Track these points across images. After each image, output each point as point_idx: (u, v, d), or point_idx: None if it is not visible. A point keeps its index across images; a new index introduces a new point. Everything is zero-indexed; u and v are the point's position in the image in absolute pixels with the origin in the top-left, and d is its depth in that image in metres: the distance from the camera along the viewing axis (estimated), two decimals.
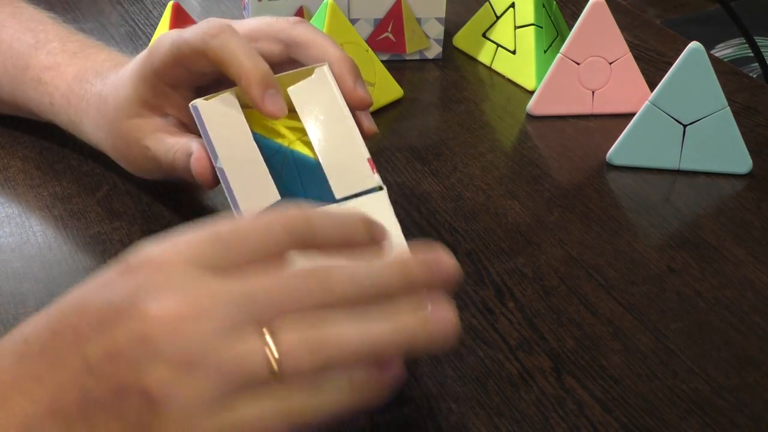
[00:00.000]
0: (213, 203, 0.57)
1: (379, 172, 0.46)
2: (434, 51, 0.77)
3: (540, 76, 0.72)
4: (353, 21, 0.73)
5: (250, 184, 0.46)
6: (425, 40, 0.76)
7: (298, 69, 0.49)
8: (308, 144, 0.47)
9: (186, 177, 0.50)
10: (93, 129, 0.55)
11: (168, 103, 0.51)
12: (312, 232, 0.34)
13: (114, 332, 0.31)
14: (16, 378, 0.32)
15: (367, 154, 0.47)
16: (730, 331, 0.49)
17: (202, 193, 0.58)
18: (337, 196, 0.46)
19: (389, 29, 0.74)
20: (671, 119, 0.61)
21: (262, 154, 0.46)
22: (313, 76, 0.48)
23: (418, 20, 0.75)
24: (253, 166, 0.46)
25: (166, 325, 0.31)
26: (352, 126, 0.47)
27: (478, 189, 0.60)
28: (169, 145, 0.50)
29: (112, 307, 0.32)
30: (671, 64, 0.60)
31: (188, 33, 0.48)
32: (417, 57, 0.77)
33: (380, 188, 0.46)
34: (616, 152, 0.63)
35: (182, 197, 0.57)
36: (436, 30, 0.76)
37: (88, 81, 0.55)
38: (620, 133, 0.63)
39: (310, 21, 0.63)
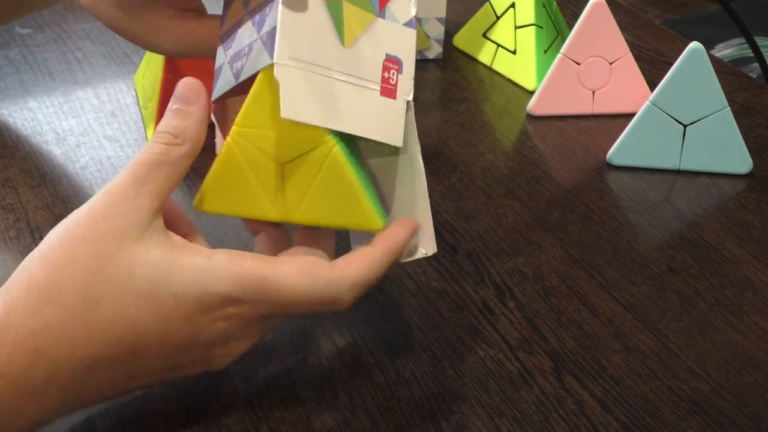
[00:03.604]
0: None
1: None
2: (434, 51, 0.77)
3: (540, 76, 0.72)
4: None
5: None
6: (425, 40, 0.76)
7: None
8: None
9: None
10: (97, 13, 0.50)
11: None
12: None
13: (203, 355, 0.39)
14: (80, 381, 0.36)
15: None
16: (730, 331, 0.49)
17: None
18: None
19: None
20: (671, 119, 0.61)
21: None
22: None
23: (419, 20, 0.75)
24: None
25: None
26: None
27: (478, 189, 0.60)
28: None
29: (203, 346, 0.39)
30: (671, 64, 0.60)
31: None
32: (417, 57, 0.77)
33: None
34: (616, 152, 0.64)
35: (182, 198, 0.57)
36: (437, 30, 0.76)
37: None
38: (620, 133, 0.63)
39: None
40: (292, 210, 0.41)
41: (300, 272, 0.38)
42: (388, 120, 0.43)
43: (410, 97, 0.44)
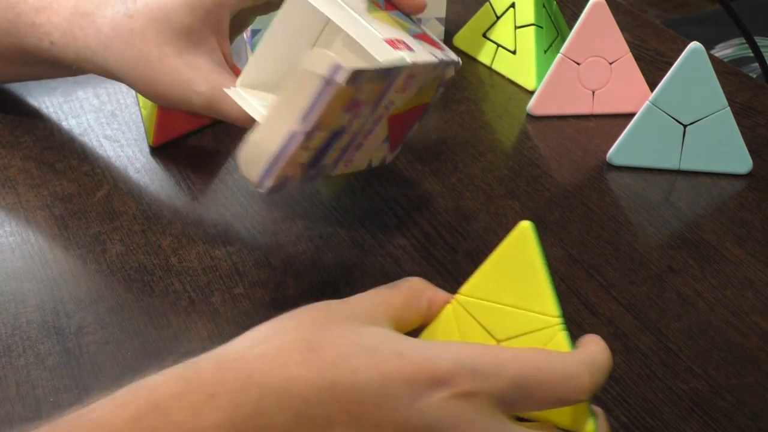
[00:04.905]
0: (213, 204, 0.57)
1: (379, 172, 0.46)
2: None
3: (540, 76, 0.72)
4: None
5: None
6: None
7: None
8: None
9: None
10: (117, 64, 0.53)
11: (218, 33, 0.52)
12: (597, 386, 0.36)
13: None
14: None
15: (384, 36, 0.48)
16: (730, 331, 0.49)
17: (202, 194, 0.58)
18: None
19: None
20: (671, 119, 0.61)
21: None
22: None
23: (419, 20, 0.75)
24: None
25: None
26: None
27: (478, 189, 0.60)
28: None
29: (424, 429, 0.33)
30: (671, 64, 0.60)
31: None
32: None
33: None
34: (616, 152, 0.63)
35: (183, 198, 0.57)
36: (437, 30, 0.76)
37: (94, 14, 0.54)
38: (620, 133, 0.63)
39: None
40: None
41: (534, 348, 0.37)
42: (375, 45, 0.46)
43: (410, 60, 0.47)
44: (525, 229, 0.38)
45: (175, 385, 0.32)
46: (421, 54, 0.49)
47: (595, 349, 0.37)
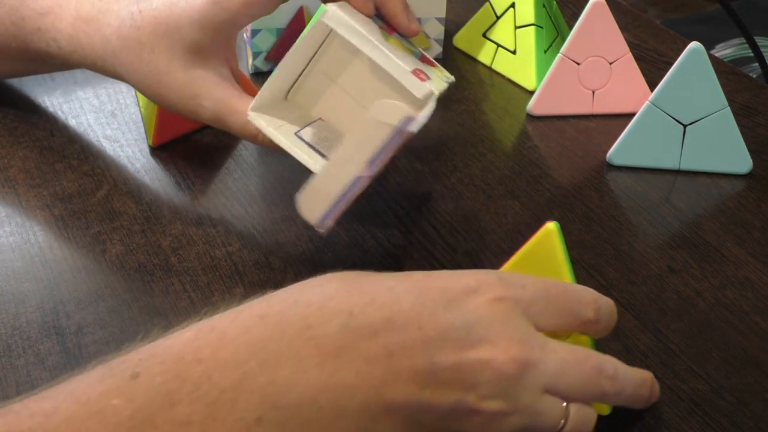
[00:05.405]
0: (213, 204, 0.57)
1: (379, 172, 0.46)
2: (434, 51, 0.77)
3: (540, 76, 0.72)
4: None
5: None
6: (425, 40, 0.76)
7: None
8: None
9: (249, 140, 0.53)
10: (126, 72, 0.54)
11: (226, 48, 0.52)
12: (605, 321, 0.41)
13: (465, 353, 0.36)
14: (339, 347, 0.35)
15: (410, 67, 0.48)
16: (730, 331, 0.49)
17: (202, 194, 0.58)
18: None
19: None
20: (671, 119, 0.61)
21: None
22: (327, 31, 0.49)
23: (419, 20, 0.75)
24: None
25: (509, 369, 0.36)
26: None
27: (478, 189, 0.60)
28: (245, 119, 0.51)
29: (464, 328, 0.36)
30: (671, 64, 0.60)
31: None
32: None
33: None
34: (616, 152, 0.63)
35: (183, 198, 0.57)
36: (437, 30, 0.76)
37: (99, 20, 0.54)
38: (620, 133, 0.63)
39: (310, 21, 0.63)
40: None
41: None
42: (410, 80, 0.46)
43: (435, 94, 0.47)
44: (551, 231, 0.41)
45: (229, 315, 0.36)
46: (437, 82, 0.50)
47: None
